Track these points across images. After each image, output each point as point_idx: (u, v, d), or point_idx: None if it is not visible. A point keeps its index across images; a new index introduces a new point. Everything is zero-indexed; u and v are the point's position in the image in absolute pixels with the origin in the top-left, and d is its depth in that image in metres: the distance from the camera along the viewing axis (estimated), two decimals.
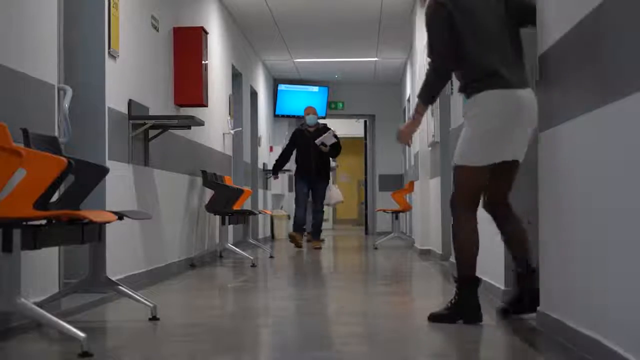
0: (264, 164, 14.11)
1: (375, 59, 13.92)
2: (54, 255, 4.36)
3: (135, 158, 6.02)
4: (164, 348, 3.51)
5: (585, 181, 3.03)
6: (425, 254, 9.51)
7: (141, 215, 4.39)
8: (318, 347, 3.45)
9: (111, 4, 5.46)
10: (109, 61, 5.45)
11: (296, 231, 11.00)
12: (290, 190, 15.32)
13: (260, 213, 10.79)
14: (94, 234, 3.85)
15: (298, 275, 7.28)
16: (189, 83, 7.44)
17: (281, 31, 11.79)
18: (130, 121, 5.91)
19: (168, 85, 7.21)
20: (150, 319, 4.06)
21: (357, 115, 17.33)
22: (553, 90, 3.52)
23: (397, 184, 15.60)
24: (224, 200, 8.23)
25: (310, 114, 11.18)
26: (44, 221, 3.43)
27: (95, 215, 3.49)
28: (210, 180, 8.27)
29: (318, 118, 11.28)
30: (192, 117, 6.65)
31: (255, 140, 12.97)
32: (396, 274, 7.36)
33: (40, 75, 4.18)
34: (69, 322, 3.22)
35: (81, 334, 3.10)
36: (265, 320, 4.39)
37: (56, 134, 4.35)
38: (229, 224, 8.45)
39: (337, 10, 10.61)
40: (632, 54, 2.47)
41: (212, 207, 8.16)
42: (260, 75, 13.94)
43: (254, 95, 13.07)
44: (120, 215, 3.96)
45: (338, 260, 9.47)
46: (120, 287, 4.10)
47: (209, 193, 8.37)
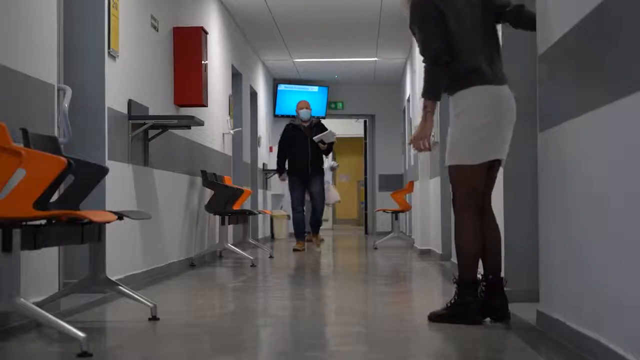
0: (264, 164, 14.11)
1: (375, 59, 13.91)
2: (54, 255, 4.36)
3: (135, 158, 6.02)
4: (163, 348, 3.51)
5: (585, 181, 3.03)
6: (425, 254, 9.51)
7: (141, 215, 4.39)
8: (318, 347, 3.44)
9: (111, 4, 5.46)
10: (108, 61, 5.45)
11: (298, 238, 10.56)
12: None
13: (260, 213, 10.78)
14: (94, 234, 3.85)
15: (298, 275, 7.28)
16: (189, 83, 7.44)
17: (281, 31, 11.79)
18: (130, 121, 5.91)
19: (168, 85, 7.20)
20: (150, 319, 4.06)
21: (357, 115, 17.33)
22: (553, 90, 3.52)
23: (397, 184, 15.60)
24: (224, 200, 8.22)
25: (304, 108, 10.58)
26: (43, 221, 3.43)
27: (95, 215, 3.49)
28: (210, 180, 8.27)
29: (321, 118, 11.01)
30: (192, 117, 6.65)
31: (255, 140, 12.96)
32: (396, 274, 7.36)
33: (40, 75, 4.18)
34: (68, 322, 3.22)
35: (81, 334, 3.10)
36: (265, 320, 4.39)
37: (56, 134, 4.35)
38: (229, 224, 8.45)
39: (337, 10, 10.60)
40: (633, 54, 2.47)
41: (212, 207, 8.15)
42: (260, 75, 13.94)
43: (253, 95, 13.06)
44: (120, 215, 3.96)
45: (338, 260, 9.46)
46: (120, 287, 4.10)
47: (209, 193, 8.37)
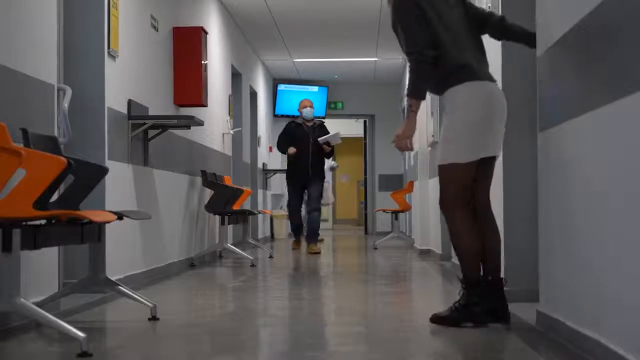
0: (264, 163, 14.11)
1: (375, 59, 13.91)
2: (54, 255, 4.36)
3: (135, 158, 6.02)
4: (163, 348, 3.51)
5: (585, 181, 3.03)
6: (425, 253, 9.51)
7: (141, 215, 4.39)
8: (318, 347, 3.44)
9: (111, 4, 5.46)
10: (108, 61, 5.45)
11: (297, 236, 10.51)
12: None
13: (259, 213, 10.78)
14: (94, 233, 3.85)
15: (298, 275, 7.27)
16: (189, 83, 7.44)
17: (281, 31, 11.78)
18: (130, 121, 5.91)
19: (168, 85, 7.20)
20: (149, 319, 4.06)
21: (357, 115, 17.33)
22: (553, 90, 3.52)
23: (397, 184, 15.60)
24: (224, 200, 8.22)
25: (308, 107, 10.02)
26: (43, 221, 3.43)
27: (94, 215, 3.48)
28: (210, 180, 8.27)
29: (322, 119, 10.78)
30: (192, 117, 6.65)
31: (254, 140, 12.96)
32: (396, 274, 7.36)
33: (40, 75, 4.18)
34: (68, 322, 3.22)
35: (80, 334, 3.10)
36: (264, 320, 4.39)
37: (56, 134, 4.35)
38: (229, 224, 8.44)
39: (337, 10, 10.60)
40: (633, 54, 2.47)
41: (212, 207, 8.15)
42: (259, 75, 13.94)
43: (253, 95, 13.07)
44: (119, 215, 3.96)
45: (337, 260, 9.46)
46: (119, 287, 4.10)
47: (209, 193, 8.37)
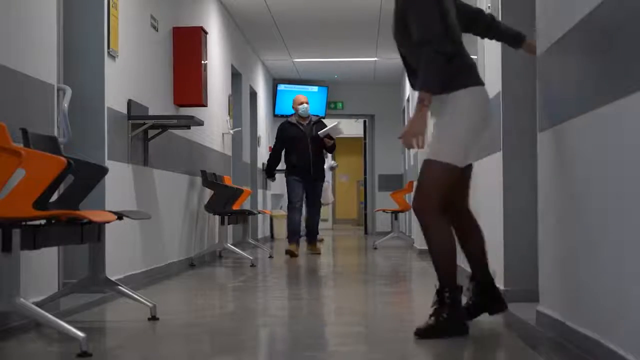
0: (264, 163, 14.08)
1: (375, 59, 13.91)
2: (54, 255, 4.36)
3: (135, 158, 6.02)
4: (163, 348, 3.51)
5: (585, 181, 3.03)
6: (425, 253, 9.46)
7: (140, 215, 4.39)
8: (318, 347, 3.44)
9: (110, 4, 5.46)
10: (108, 61, 5.45)
11: (292, 241, 9.46)
12: None
13: (259, 213, 10.78)
14: (94, 233, 3.85)
15: (297, 275, 7.28)
16: (189, 83, 7.44)
17: (281, 31, 11.79)
18: (130, 121, 5.91)
19: (167, 85, 7.20)
20: (149, 319, 4.06)
21: (357, 115, 17.33)
22: (553, 90, 3.52)
23: (397, 184, 15.60)
24: (224, 200, 8.22)
25: (304, 102, 9.44)
26: (43, 221, 3.43)
27: (94, 215, 3.48)
28: (210, 180, 8.27)
29: (322, 118, 10.67)
30: (192, 117, 6.65)
31: (254, 140, 12.97)
32: (396, 274, 7.36)
33: (39, 75, 4.18)
34: (68, 322, 3.22)
35: (80, 334, 3.10)
36: (264, 320, 4.39)
37: (55, 134, 4.35)
38: (229, 224, 8.44)
39: (337, 10, 10.60)
40: (633, 54, 2.47)
41: (212, 207, 8.15)
42: (259, 75, 13.94)
43: (253, 95, 13.07)
44: (119, 215, 3.95)
45: (337, 260, 9.46)
46: (119, 287, 4.10)
47: (209, 193, 8.37)
